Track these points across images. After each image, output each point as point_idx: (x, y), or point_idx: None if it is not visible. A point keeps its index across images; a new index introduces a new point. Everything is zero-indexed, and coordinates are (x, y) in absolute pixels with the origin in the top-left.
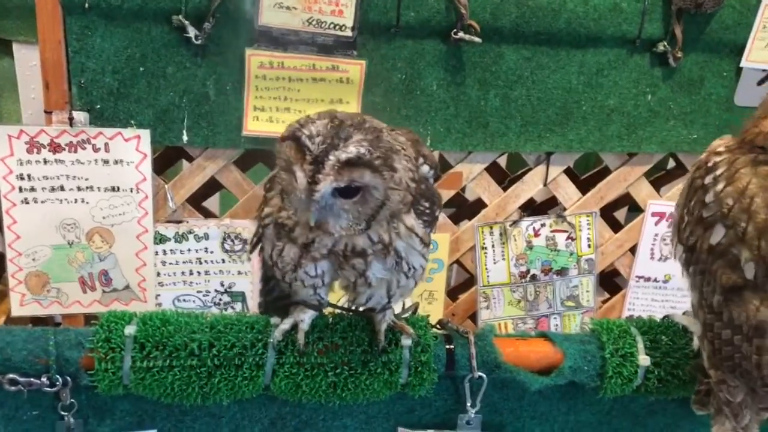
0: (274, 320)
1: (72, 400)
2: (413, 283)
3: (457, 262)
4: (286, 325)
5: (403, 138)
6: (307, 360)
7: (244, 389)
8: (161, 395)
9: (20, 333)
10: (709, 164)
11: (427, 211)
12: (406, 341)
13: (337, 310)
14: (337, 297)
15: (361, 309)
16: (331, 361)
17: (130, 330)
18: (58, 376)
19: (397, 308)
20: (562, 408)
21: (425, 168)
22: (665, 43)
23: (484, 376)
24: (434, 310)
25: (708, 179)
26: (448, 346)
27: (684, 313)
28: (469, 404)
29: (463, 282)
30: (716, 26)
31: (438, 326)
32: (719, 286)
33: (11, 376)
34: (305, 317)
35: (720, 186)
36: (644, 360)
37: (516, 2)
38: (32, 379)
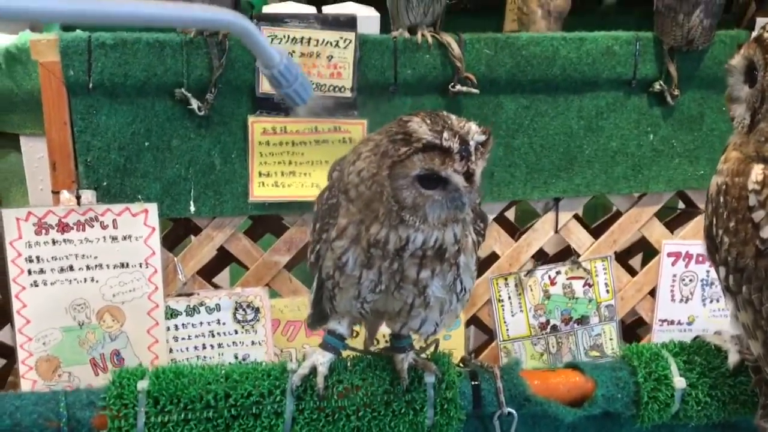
0: (291, 366)
1: None
2: (460, 309)
3: (475, 318)
4: (304, 369)
5: None
6: (327, 404)
7: None
8: None
9: (29, 396)
10: (750, 188)
11: (482, 232)
12: (430, 378)
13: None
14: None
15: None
16: (353, 403)
17: (142, 385)
18: None
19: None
20: None
21: None
22: (661, 83)
23: (514, 412)
24: None
25: (753, 201)
26: (473, 383)
27: (715, 333)
28: None
29: (483, 341)
30: (709, 62)
31: (461, 364)
32: None
33: None
34: (324, 360)
35: None
36: (679, 382)
37: (510, 53)
38: None
